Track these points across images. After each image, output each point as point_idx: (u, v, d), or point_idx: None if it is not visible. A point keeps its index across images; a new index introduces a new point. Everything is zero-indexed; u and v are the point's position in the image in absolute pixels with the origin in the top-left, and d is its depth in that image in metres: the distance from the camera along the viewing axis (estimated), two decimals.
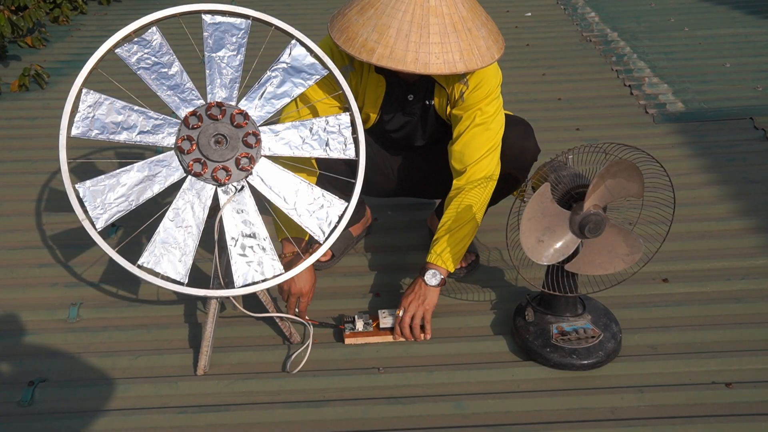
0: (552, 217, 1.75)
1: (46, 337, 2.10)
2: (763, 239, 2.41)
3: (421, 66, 1.75)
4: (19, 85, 3.68)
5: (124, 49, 1.80)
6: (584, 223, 1.74)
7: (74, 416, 1.83)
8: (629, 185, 1.74)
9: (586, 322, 1.95)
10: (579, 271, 1.85)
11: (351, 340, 2.03)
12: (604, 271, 1.85)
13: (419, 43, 1.75)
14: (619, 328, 1.97)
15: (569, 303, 1.95)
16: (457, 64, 1.76)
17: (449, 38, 1.76)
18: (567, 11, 4.66)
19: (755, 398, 1.82)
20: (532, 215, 1.73)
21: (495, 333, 2.08)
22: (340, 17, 1.87)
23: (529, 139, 2.06)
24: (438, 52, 1.75)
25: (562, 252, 1.78)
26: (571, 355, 1.90)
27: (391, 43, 1.75)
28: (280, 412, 1.82)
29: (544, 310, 1.97)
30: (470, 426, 1.79)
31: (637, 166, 1.71)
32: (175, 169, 1.83)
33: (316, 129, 1.89)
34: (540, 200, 1.73)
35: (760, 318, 2.09)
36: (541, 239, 1.75)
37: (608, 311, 2.02)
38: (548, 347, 1.91)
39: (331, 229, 1.88)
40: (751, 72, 3.65)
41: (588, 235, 1.75)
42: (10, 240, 2.55)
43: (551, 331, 1.93)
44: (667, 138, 3.09)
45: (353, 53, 1.79)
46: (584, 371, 1.90)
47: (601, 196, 1.73)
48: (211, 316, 1.93)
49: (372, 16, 1.79)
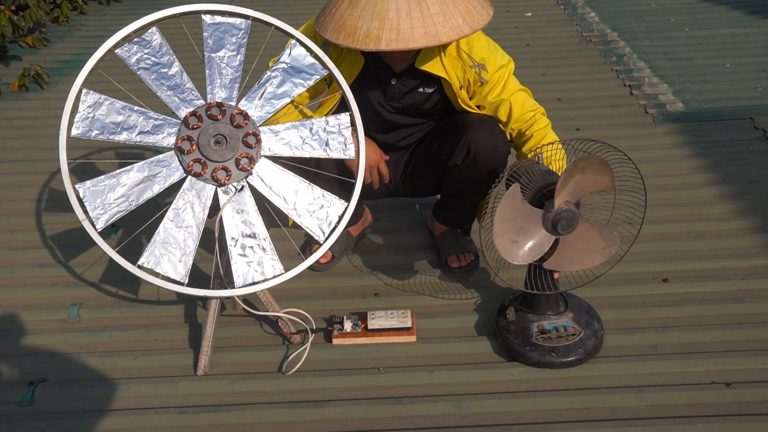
0: (525, 217, 1.76)
1: (46, 337, 2.10)
2: (763, 239, 2.41)
3: (432, 38, 1.77)
4: (19, 85, 3.68)
5: (124, 49, 1.80)
6: (557, 220, 1.75)
7: (74, 416, 1.83)
8: (599, 179, 1.75)
9: (567, 320, 1.95)
10: (558, 267, 1.86)
11: (339, 341, 2.03)
12: (583, 265, 1.86)
13: (422, 18, 1.76)
14: (600, 325, 1.97)
15: (550, 301, 1.95)
16: (462, 27, 1.80)
17: (447, 5, 1.79)
18: (567, 11, 4.66)
19: (755, 398, 1.82)
20: (505, 216, 1.74)
21: (495, 333, 2.08)
22: (329, 18, 1.86)
23: (496, 137, 2.05)
24: (442, 21, 1.77)
25: (537, 251, 1.79)
26: (551, 353, 1.90)
27: (395, 25, 1.76)
28: (280, 412, 1.82)
29: (526, 309, 1.98)
30: (470, 426, 1.79)
31: (604, 160, 1.72)
32: (175, 169, 1.83)
33: (316, 129, 1.89)
34: (511, 201, 1.74)
35: (760, 318, 2.09)
36: (516, 239, 1.77)
37: (591, 308, 2.02)
38: (528, 346, 1.92)
39: (331, 229, 1.88)
40: (751, 72, 3.65)
41: (561, 231, 1.76)
42: (10, 240, 2.55)
43: (532, 329, 1.94)
44: (667, 138, 3.09)
45: (359, 47, 1.79)
46: (564, 369, 1.90)
47: (572, 191, 1.74)
48: (211, 316, 1.93)
49: (365, 6, 1.79)
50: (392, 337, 2.03)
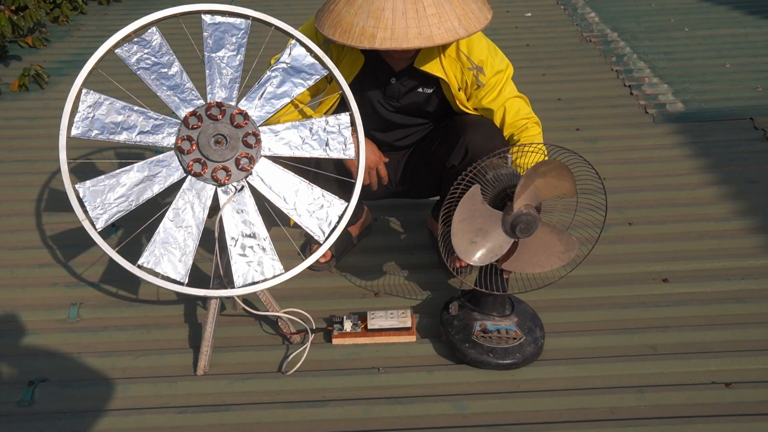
0: (484, 218, 1.76)
1: (46, 337, 2.10)
2: (763, 239, 2.41)
3: (425, 39, 1.77)
4: (19, 85, 3.68)
5: (123, 49, 1.80)
6: (515, 223, 1.75)
7: (74, 416, 1.83)
8: (560, 184, 1.75)
9: (511, 323, 1.95)
10: (516, 269, 1.87)
11: (339, 341, 2.03)
12: (541, 269, 1.86)
13: (417, 18, 1.77)
14: (542, 333, 1.98)
15: (497, 302, 1.96)
16: (457, 30, 1.79)
17: (444, 7, 1.79)
18: (567, 11, 4.66)
19: (755, 398, 1.82)
20: (464, 217, 1.74)
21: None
22: (327, 14, 1.87)
23: (495, 139, 2.05)
24: (437, 23, 1.77)
25: (495, 252, 1.79)
26: (488, 353, 1.90)
27: (390, 24, 1.76)
28: (280, 412, 1.82)
29: (473, 306, 1.98)
30: (470, 426, 1.79)
31: (566, 165, 1.72)
32: (175, 169, 1.83)
33: (316, 129, 1.89)
34: (471, 202, 1.74)
35: (760, 318, 2.09)
36: (474, 240, 1.77)
37: (536, 316, 2.02)
38: (467, 343, 1.92)
39: (331, 229, 1.88)
40: (751, 72, 3.65)
41: (519, 234, 1.76)
42: (10, 240, 2.55)
43: (474, 327, 1.94)
44: (667, 138, 3.09)
45: (354, 44, 1.79)
46: (499, 371, 1.90)
47: (532, 195, 1.74)
48: (211, 316, 1.93)
49: (362, 3, 1.80)
50: (392, 337, 2.03)
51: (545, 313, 2.06)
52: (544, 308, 2.09)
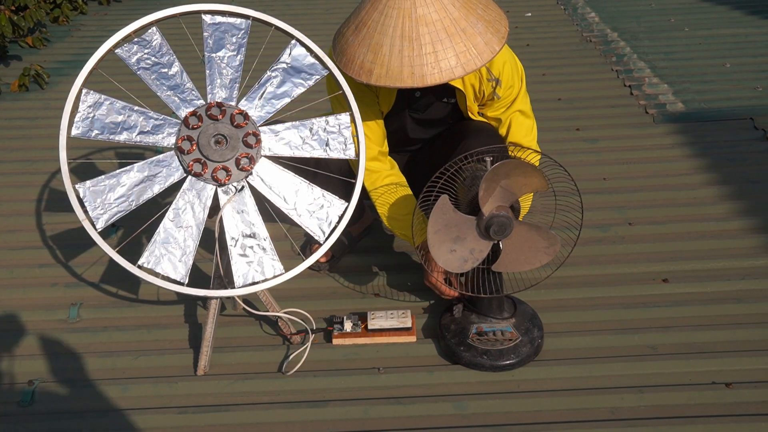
0: (459, 226, 1.76)
1: (46, 337, 2.10)
2: (763, 239, 2.41)
3: (418, 79, 1.75)
4: (19, 85, 3.68)
5: (124, 49, 1.80)
6: (488, 226, 1.75)
7: (74, 416, 1.83)
8: (529, 181, 1.74)
9: (508, 324, 1.95)
10: (506, 269, 1.86)
11: (339, 341, 2.03)
12: (531, 266, 1.86)
13: (413, 57, 1.74)
14: (541, 333, 1.97)
15: (493, 304, 1.95)
16: (454, 69, 1.75)
17: (442, 45, 1.75)
18: (567, 11, 4.66)
19: (755, 398, 1.82)
20: (438, 228, 1.75)
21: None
22: (340, 37, 1.88)
23: (495, 144, 2.06)
24: (433, 62, 1.74)
25: (476, 257, 1.80)
26: (483, 355, 1.90)
27: (386, 61, 1.76)
28: (280, 412, 1.83)
29: (471, 309, 1.98)
30: (470, 426, 1.79)
31: (526, 162, 1.72)
32: (175, 169, 1.83)
33: (316, 129, 1.89)
34: (441, 212, 1.74)
35: (760, 318, 2.09)
36: (453, 249, 1.77)
37: (535, 316, 2.02)
38: (462, 346, 1.92)
39: (331, 229, 1.88)
40: (751, 72, 3.65)
41: (494, 236, 1.76)
42: (10, 240, 2.55)
43: (471, 330, 1.94)
44: (667, 138, 3.09)
45: (353, 75, 1.80)
46: (495, 372, 1.90)
47: (502, 196, 1.74)
48: (211, 316, 1.93)
49: (366, 35, 1.79)
50: (392, 337, 2.03)
51: (545, 313, 2.06)
52: (544, 308, 2.09)
